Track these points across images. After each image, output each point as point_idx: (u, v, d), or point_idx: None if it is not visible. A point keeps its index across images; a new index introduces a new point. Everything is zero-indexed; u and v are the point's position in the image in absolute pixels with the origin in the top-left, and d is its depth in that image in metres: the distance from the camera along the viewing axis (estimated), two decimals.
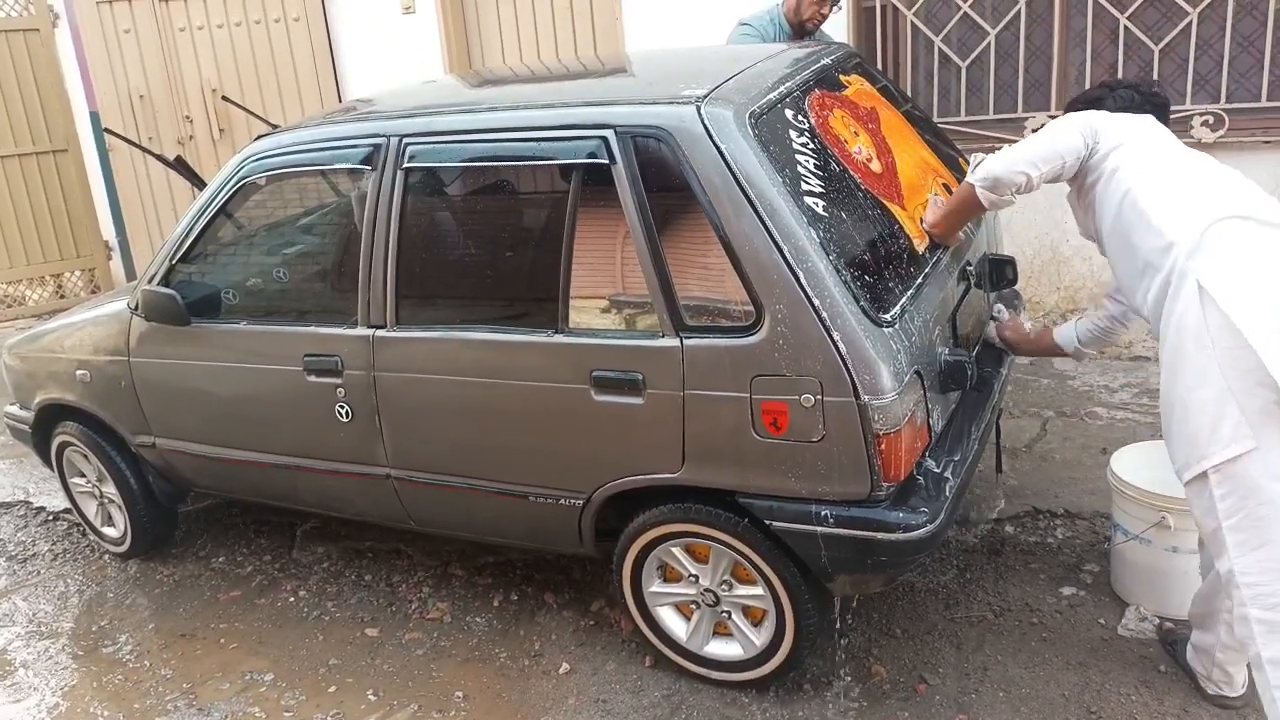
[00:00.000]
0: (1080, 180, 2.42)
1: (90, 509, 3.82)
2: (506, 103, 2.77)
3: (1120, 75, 4.17)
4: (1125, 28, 4.13)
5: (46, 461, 3.88)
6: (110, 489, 3.64)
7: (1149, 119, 2.44)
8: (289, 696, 2.93)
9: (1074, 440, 3.76)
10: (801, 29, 3.92)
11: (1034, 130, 4.29)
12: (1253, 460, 2.05)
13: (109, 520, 3.78)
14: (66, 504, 3.98)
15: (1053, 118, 4.26)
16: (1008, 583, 3.02)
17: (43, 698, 3.07)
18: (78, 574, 3.76)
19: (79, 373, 3.48)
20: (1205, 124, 4.02)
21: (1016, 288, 3.23)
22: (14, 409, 3.89)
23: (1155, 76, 4.12)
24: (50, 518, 4.16)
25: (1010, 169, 2.36)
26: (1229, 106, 4.02)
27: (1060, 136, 2.36)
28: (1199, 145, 4.03)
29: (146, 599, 3.54)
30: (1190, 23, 4.01)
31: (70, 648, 3.31)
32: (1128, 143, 2.33)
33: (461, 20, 5.76)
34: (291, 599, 3.42)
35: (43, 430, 3.76)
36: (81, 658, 3.25)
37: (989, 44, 4.41)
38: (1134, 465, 2.77)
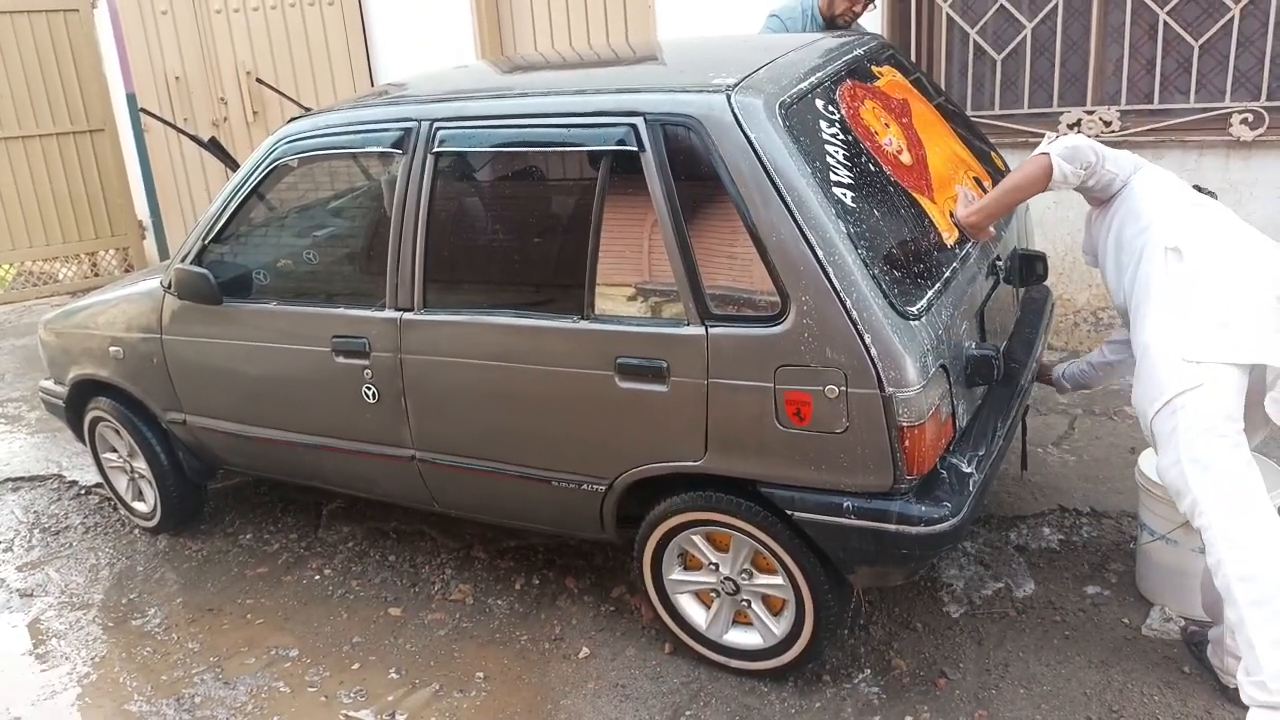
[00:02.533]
0: (1106, 201, 2.60)
1: (121, 484, 3.88)
2: (537, 89, 2.77)
3: (1159, 71, 4.12)
4: (1165, 23, 4.07)
5: (79, 436, 3.95)
6: (141, 464, 3.70)
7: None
8: (313, 672, 2.97)
9: (1102, 439, 3.73)
10: (833, 23, 3.90)
11: (1069, 126, 4.26)
12: (1205, 395, 2.24)
13: (139, 495, 3.84)
14: (98, 478, 4.05)
15: (1089, 113, 4.23)
16: (1031, 580, 3.01)
17: (74, 667, 3.13)
18: (108, 547, 3.82)
19: (112, 349, 3.53)
20: (1244, 122, 3.95)
21: (1047, 283, 3.20)
22: (48, 384, 3.96)
23: (1194, 73, 4.06)
24: (82, 491, 4.24)
25: (1086, 144, 2.49)
26: (1270, 104, 3.96)
27: (1121, 152, 2.57)
28: (1238, 143, 3.97)
29: (175, 573, 3.60)
30: (1232, 18, 3.94)
31: (101, 619, 3.37)
32: (1143, 172, 2.58)
33: (494, 6, 5.77)
34: (317, 577, 3.46)
35: (76, 405, 3.82)
36: (111, 629, 3.31)
37: (1025, 37, 4.36)
38: None
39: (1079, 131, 4.22)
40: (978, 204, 2.65)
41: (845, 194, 2.31)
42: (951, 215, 2.65)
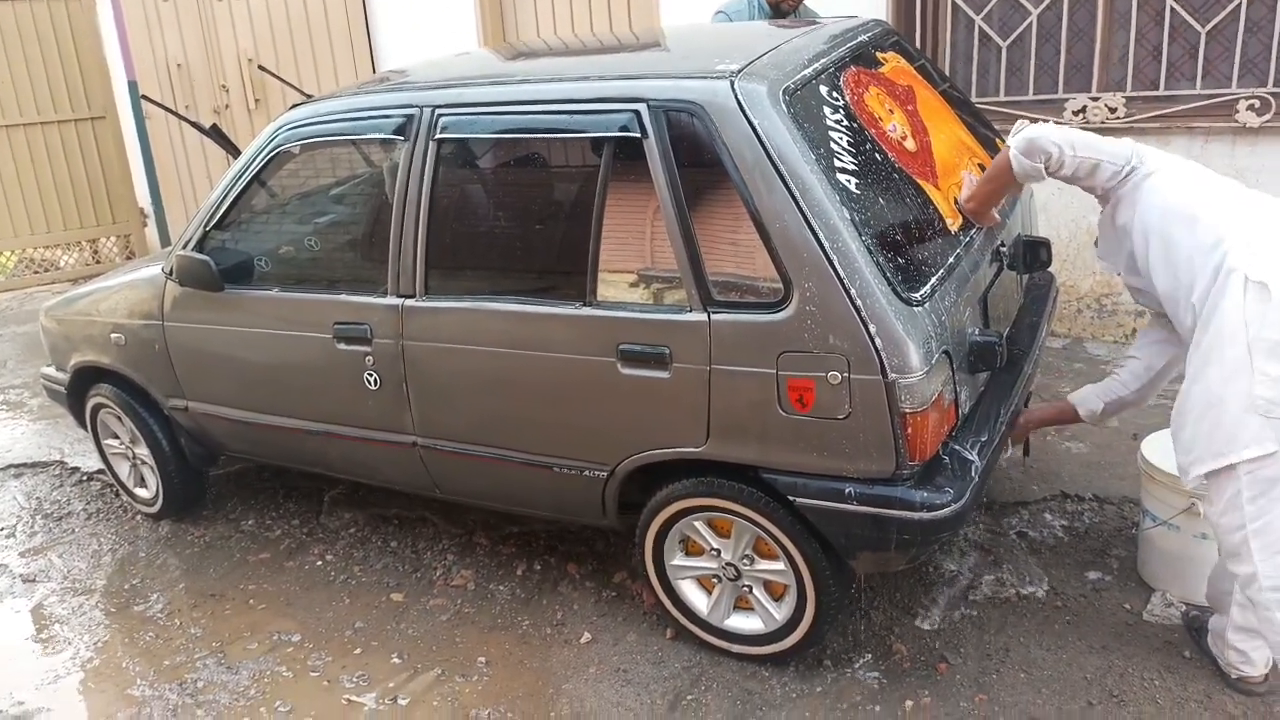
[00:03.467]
0: (1118, 198, 2.39)
1: (123, 470, 3.89)
2: (540, 75, 2.76)
3: (1165, 57, 4.09)
4: (1171, 8, 4.04)
5: (81, 423, 3.96)
6: (143, 451, 3.70)
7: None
8: (316, 657, 2.98)
9: (1105, 425, 3.71)
10: (779, 10, 3.85)
11: (1074, 112, 4.24)
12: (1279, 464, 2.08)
13: (141, 481, 3.85)
14: (100, 465, 4.05)
15: (1094, 99, 4.21)
16: (1032, 566, 3.01)
17: (77, 652, 3.14)
18: (111, 533, 3.83)
19: (114, 336, 3.53)
20: (1251, 108, 3.93)
21: (1051, 270, 3.19)
22: (50, 371, 3.96)
23: (1201, 59, 4.04)
24: (84, 478, 4.25)
25: (1045, 136, 2.33)
26: (1277, 90, 3.93)
27: (1109, 140, 2.37)
28: (1244, 130, 3.96)
29: (177, 559, 3.61)
30: (1240, 4, 3.92)
31: (103, 604, 3.38)
32: (1167, 163, 2.35)
33: None
34: (319, 563, 3.47)
35: (78, 392, 3.82)
36: (114, 614, 3.32)
37: (1030, 23, 4.33)
38: (1164, 451, 2.72)
39: (1084, 117, 4.20)
40: (969, 190, 2.64)
41: (849, 180, 2.30)
42: (955, 201, 2.64)
